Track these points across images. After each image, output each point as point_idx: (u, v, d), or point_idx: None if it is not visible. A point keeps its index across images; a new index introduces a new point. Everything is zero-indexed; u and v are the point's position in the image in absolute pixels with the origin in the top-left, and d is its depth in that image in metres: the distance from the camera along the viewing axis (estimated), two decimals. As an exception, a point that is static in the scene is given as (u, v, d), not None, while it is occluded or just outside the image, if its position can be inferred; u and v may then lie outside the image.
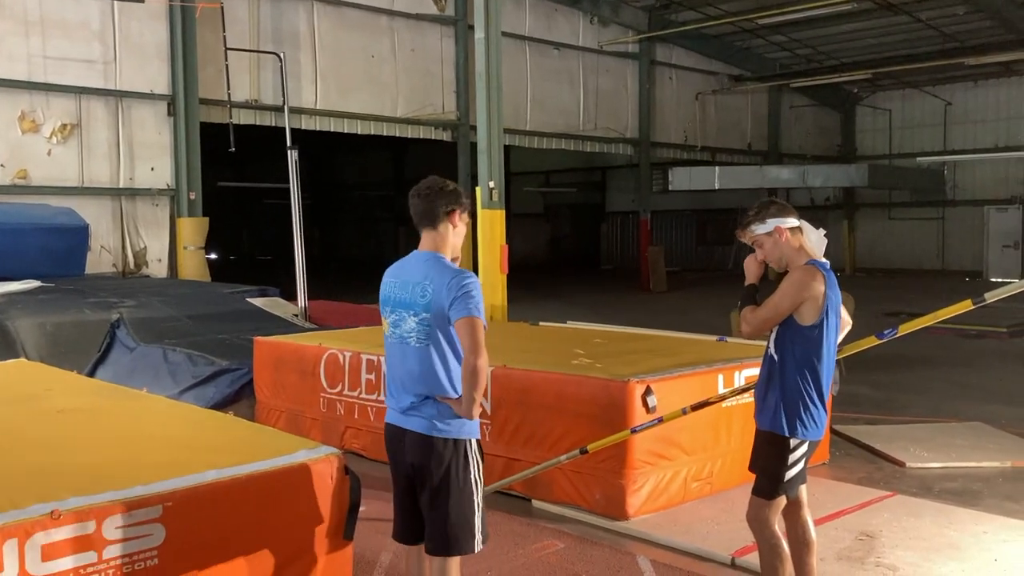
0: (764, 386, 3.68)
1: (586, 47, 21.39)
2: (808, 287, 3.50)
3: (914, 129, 27.60)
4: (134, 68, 14.40)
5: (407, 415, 3.32)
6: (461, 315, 3.14)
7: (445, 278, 3.21)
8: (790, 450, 3.55)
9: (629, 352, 6.13)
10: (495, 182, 10.11)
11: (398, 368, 3.37)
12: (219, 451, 3.60)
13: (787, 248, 3.63)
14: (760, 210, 3.66)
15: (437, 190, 3.38)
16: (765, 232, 3.64)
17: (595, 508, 5.14)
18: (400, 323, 3.33)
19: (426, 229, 3.39)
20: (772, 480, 3.60)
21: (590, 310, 17.16)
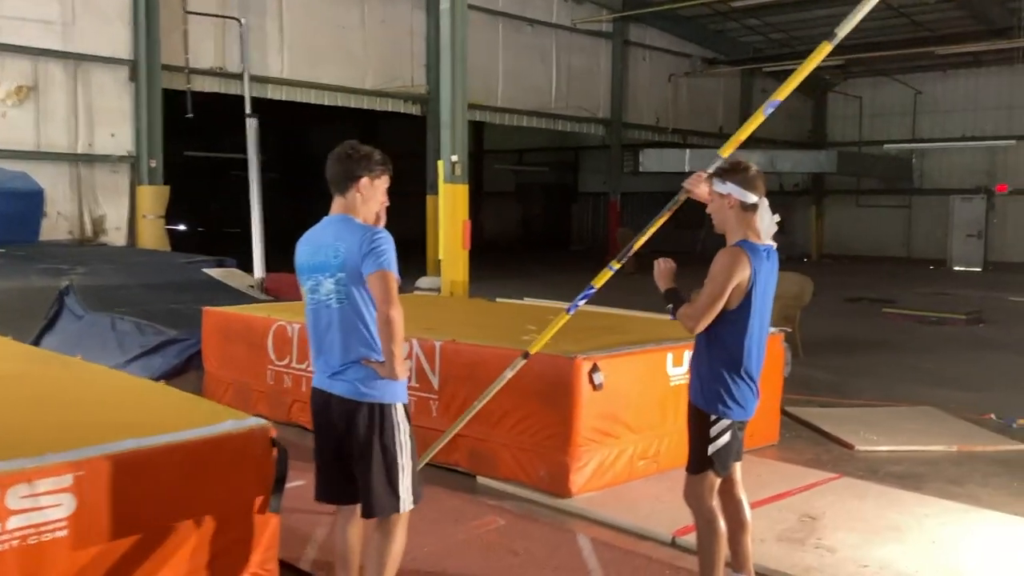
0: (693, 360, 3.68)
1: (559, 24, 21.24)
2: (733, 272, 3.42)
3: (884, 117, 27.74)
4: (94, 30, 14.06)
5: (333, 379, 3.29)
6: (372, 269, 3.15)
7: (356, 236, 3.22)
8: (710, 425, 3.52)
9: (580, 329, 6.05)
10: (458, 156, 9.97)
11: (321, 332, 3.33)
12: (142, 420, 3.49)
13: (730, 218, 3.56)
14: (731, 169, 3.58)
15: (347, 155, 3.34)
16: (719, 191, 3.58)
17: (539, 485, 5.09)
18: (318, 288, 3.30)
19: (337, 194, 3.37)
20: (696, 455, 3.58)
21: (554, 289, 17.03)
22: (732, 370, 3.49)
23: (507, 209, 34.69)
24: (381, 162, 3.39)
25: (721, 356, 3.49)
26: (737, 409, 3.52)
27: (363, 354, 3.23)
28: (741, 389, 3.52)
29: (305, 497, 4.92)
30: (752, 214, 3.57)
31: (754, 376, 3.55)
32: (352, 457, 3.30)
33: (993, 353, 10.77)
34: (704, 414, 3.53)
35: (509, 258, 25.77)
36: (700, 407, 3.55)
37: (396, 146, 30.44)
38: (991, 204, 25.58)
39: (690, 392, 3.65)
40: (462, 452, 5.47)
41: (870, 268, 24.71)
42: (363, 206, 3.36)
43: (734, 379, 3.50)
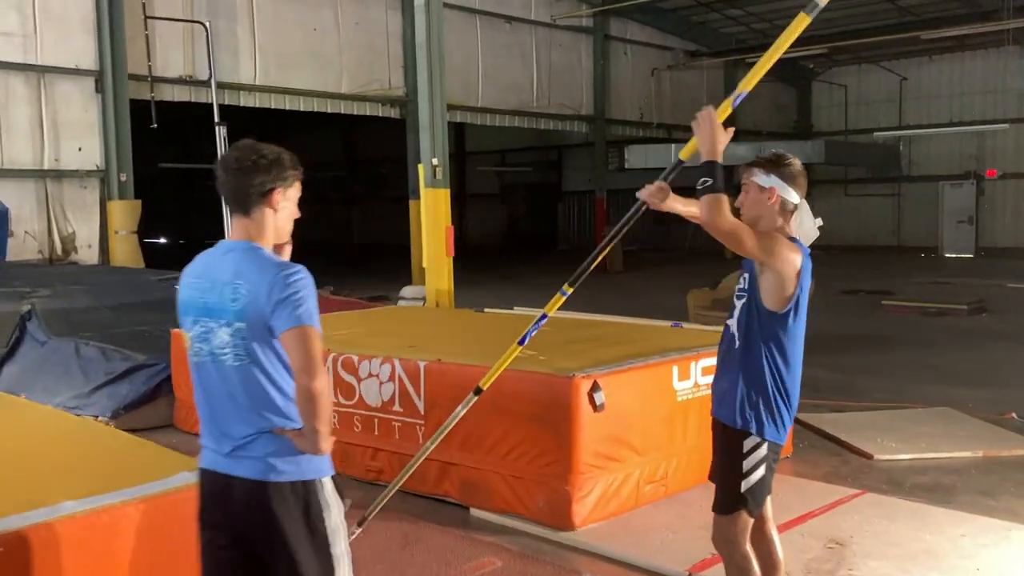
0: (725, 369, 3.18)
1: (538, 21, 20.78)
2: (785, 256, 2.98)
3: (870, 105, 27.44)
4: (57, 41, 13.51)
5: (233, 457, 2.48)
6: (288, 325, 2.36)
7: (265, 275, 2.41)
8: (746, 450, 3.05)
9: (576, 341, 5.63)
10: (439, 159, 9.51)
11: (213, 395, 2.50)
12: (82, 473, 3.04)
13: (768, 215, 3.11)
14: (775, 161, 3.13)
15: (249, 163, 2.50)
16: (759, 184, 3.11)
17: (539, 517, 4.64)
18: (208, 336, 2.48)
19: (237, 215, 2.54)
20: (728, 493, 3.13)
21: (545, 293, 16.58)
22: (775, 381, 3.05)
23: (492, 211, 34.23)
24: (293, 164, 2.59)
25: (764, 363, 3.04)
26: (774, 429, 3.07)
27: (274, 422, 2.45)
28: (781, 406, 3.07)
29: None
30: (790, 215, 3.13)
31: (793, 398, 3.11)
32: (265, 562, 2.48)
33: (1001, 345, 10.39)
34: (739, 434, 3.06)
35: (495, 261, 25.32)
36: (733, 425, 3.07)
37: (377, 151, 30.16)
38: (981, 189, 25.29)
39: (718, 409, 3.18)
40: (453, 481, 5.03)
41: (861, 258, 24.37)
42: (276, 227, 2.57)
43: (777, 392, 3.05)
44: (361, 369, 5.44)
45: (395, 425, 5.29)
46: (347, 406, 5.55)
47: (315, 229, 38.10)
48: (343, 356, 5.56)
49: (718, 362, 3.26)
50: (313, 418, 2.35)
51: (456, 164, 32.56)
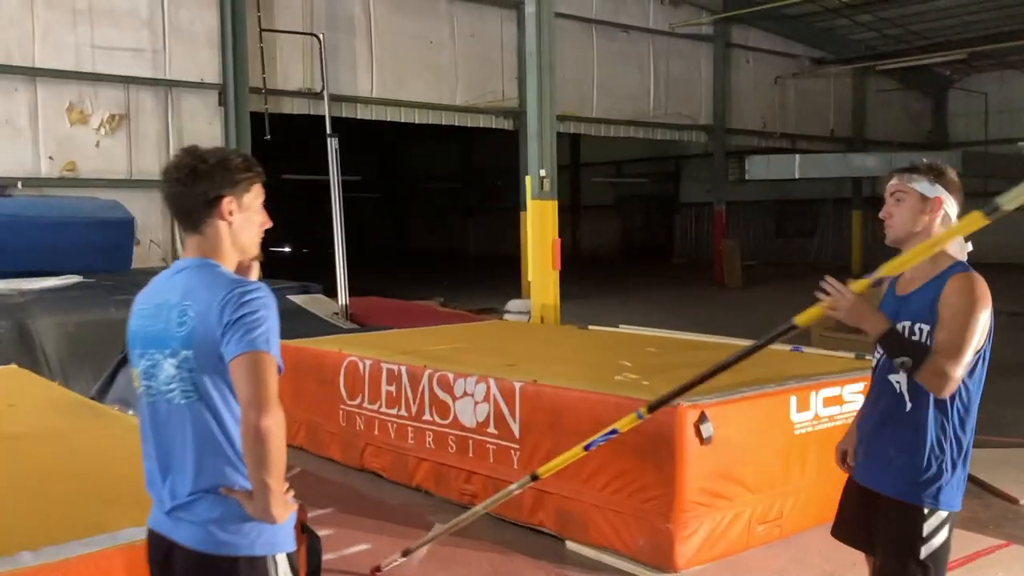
0: (878, 428, 2.72)
1: (656, 29, 20.34)
2: (986, 301, 2.53)
3: (1013, 113, 25.72)
4: (183, 57, 14.00)
5: (175, 518, 2.11)
6: (238, 350, 1.99)
7: (216, 294, 2.05)
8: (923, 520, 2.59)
9: (684, 365, 5.23)
10: (547, 170, 9.28)
11: (160, 442, 2.15)
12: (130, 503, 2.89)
13: (926, 231, 2.66)
14: (941, 172, 2.70)
15: (188, 171, 2.13)
16: (922, 193, 2.65)
17: (638, 556, 4.30)
18: (154, 371, 2.12)
19: (187, 231, 2.20)
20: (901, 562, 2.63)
21: (657, 307, 16.22)
22: (957, 440, 2.59)
23: (606, 223, 33.84)
24: (244, 167, 2.20)
25: (944, 420, 2.58)
26: (960, 494, 2.63)
27: (223, 479, 2.06)
28: (959, 467, 2.62)
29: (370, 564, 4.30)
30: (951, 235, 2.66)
31: (969, 450, 2.64)
32: None
33: None
34: (913, 509, 2.59)
35: (609, 273, 24.93)
36: (906, 499, 2.60)
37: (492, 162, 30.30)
38: None
39: (876, 478, 2.71)
40: (548, 511, 4.74)
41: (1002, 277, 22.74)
42: (235, 242, 2.20)
43: (958, 452, 2.60)
44: (456, 388, 5.23)
45: (489, 448, 5.05)
46: (442, 425, 5.36)
47: (433, 239, 38.89)
48: (439, 373, 5.37)
49: (873, 421, 2.76)
50: (262, 468, 1.95)
51: (571, 175, 32.46)
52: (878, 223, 2.85)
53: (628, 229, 33.78)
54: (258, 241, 2.26)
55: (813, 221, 29.07)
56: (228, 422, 2.06)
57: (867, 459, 2.76)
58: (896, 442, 2.64)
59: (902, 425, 2.63)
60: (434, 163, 38.12)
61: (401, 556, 4.21)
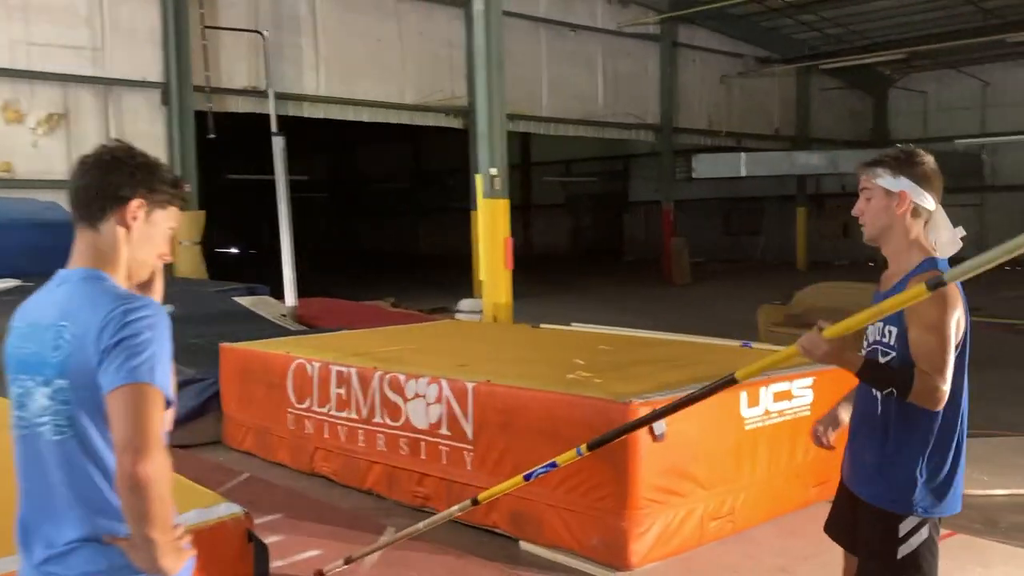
0: (862, 432, 2.66)
1: (604, 29, 20.46)
2: (955, 305, 2.45)
3: (950, 112, 26.38)
4: (124, 54, 13.70)
5: (46, 570, 1.81)
6: (117, 382, 1.70)
7: (98, 312, 1.75)
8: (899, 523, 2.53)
9: (636, 363, 5.26)
10: (498, 169, 9.24)
11: (31, 483, 1.86)
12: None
13: (896, 225, 2.56)
14: (903, 161, 2.57)
15: (109, 158, 1.88)
16: (886, 187, 2.55)
17: (593, 554, 4.28)
18: (25, 401, 1.85)
19: (81, 227, 1.89)
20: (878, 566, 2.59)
21: (608, 305, 16.29)
22: (946, 440, 2.52)
23: (557, 222, 33.97)
24: (172, 181, 1.95)
25: (916, 426, 2.50)
26: (950, 499, 2.55)
27: (104, 526, 1.78)
28: (955, 470, 2.54)
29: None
30: (924, 226, 2.60)
31: (962, 451, 2.56)
32: None
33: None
34: (891, 517, 2.54)
35: (560, 272, 25.00)
36: (883, 506, 2.54)
37: (443, 162, 30.19)
38: (1072, 199, 24.07)
39: (854, 480, 2.68)
40: (502, 512, 4.70)
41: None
42: (130, 251, 1.89)
43: (936, 456, 2.52)
44: (408, 389, 5.17)
45: (442, 449, 5.00)
46: (394, 428, 5.29)
47: (383, 240, 38.62)
48: (390, 375, 5.29)
49: (854, 422, 2.71)
50: (143, 522, 1.67)
51: (521, 174, 32.48)
52: (823, 219, 2.83)
53: (578, 228, 33.94)
54: (151, 268, 1.96)
55: (759, 218, 29.50)
56: (109, 462, 1.76)
57: (849, 460, 2.73)
58: (870, 446, 2.60)
59: (876, 430, 2.58)
60: (383, 163, 37.88)
61: (344, 563, 4.15)
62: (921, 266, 2.53)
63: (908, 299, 2.30)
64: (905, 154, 2.59)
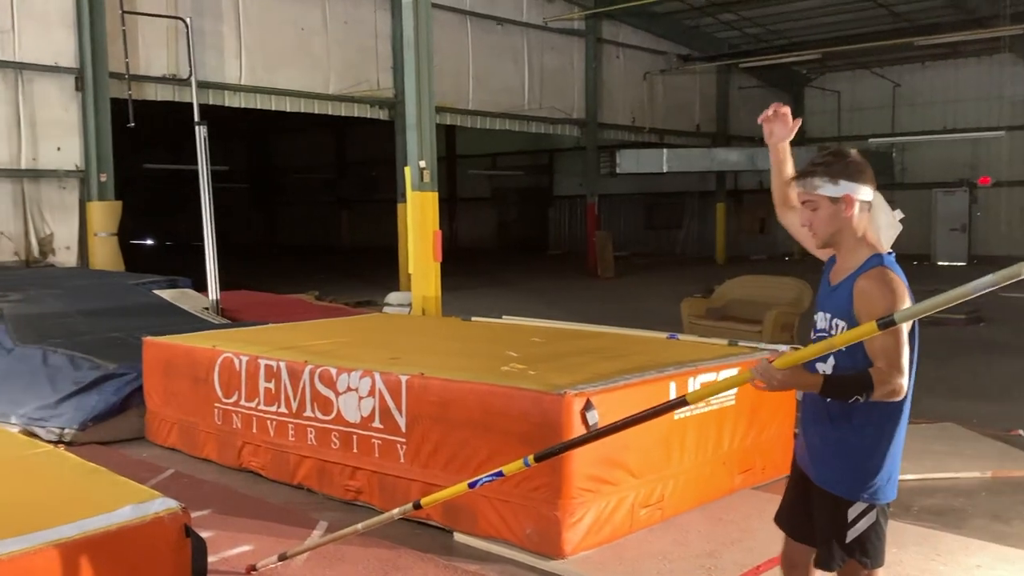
0: (813, 418, 2.75)
1: (530, 23, 20.51)
2: (902, 297, 2.52)
3: (863, 111, 27.28)
4: (35, 38, 13.16)
5: None
6: None
7: None
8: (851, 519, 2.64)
9: (569, 354, 5.34)
10: (426, 161, 9.22)
11: None
12: (15, 508, 2.71)
13: (846, 227, 2.63)
14: (835, 163, 2.63)
15: None
16: (829, 195, 2.61)
17: (526, 544, 4.33)
18: None
19: None
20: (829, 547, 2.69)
21: (536, 298, 16.41)
22: (890, 430, 2.62)
23: (482, 215, 33.98)
24: None
25: (862, 415, 2.59)
26: (891, 489, 2.67)
27: None
28: (896, 457, 2.67)
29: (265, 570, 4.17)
30: (868, 215, 2.68)
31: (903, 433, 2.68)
32: None
33: (1001, 356, 10.16)
34: (841, 502, 2.64)
35: (486, 265, 25.05)
36: (836, 492, 2.64)
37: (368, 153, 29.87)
38: (974, 197, 25.15)
39: (808, 465, 2.75)
40: (436, 504, 4.71)
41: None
42: None
43: (891, 442, 2.63)
44: (340, 383, 5.13)
45: (375, 443, 4.98)
46: (325, 422, 5.25)
47: (307, 231, 38.03)
48: (321, 369, 5.25)
49: (806, 411, 2.79)
50: None
51: (447, 167, 32.37)
52: (741, 215, 2.90)
53: (504, 221, 34.01)
54: None
55: (680, 213, 30.04)
56: None
57: (804, 442, 2.79)
58: (821, 433, 2.68)
59: (825, 417, 2.66)
60: (305, 153, 37.29)
61: (277, 560, 4.14)
62: (867, 263, 2.61)
63: (858, 336, 2.41)
64: (833, 156, 2.66)
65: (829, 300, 2.70)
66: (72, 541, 2.47)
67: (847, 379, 2.50)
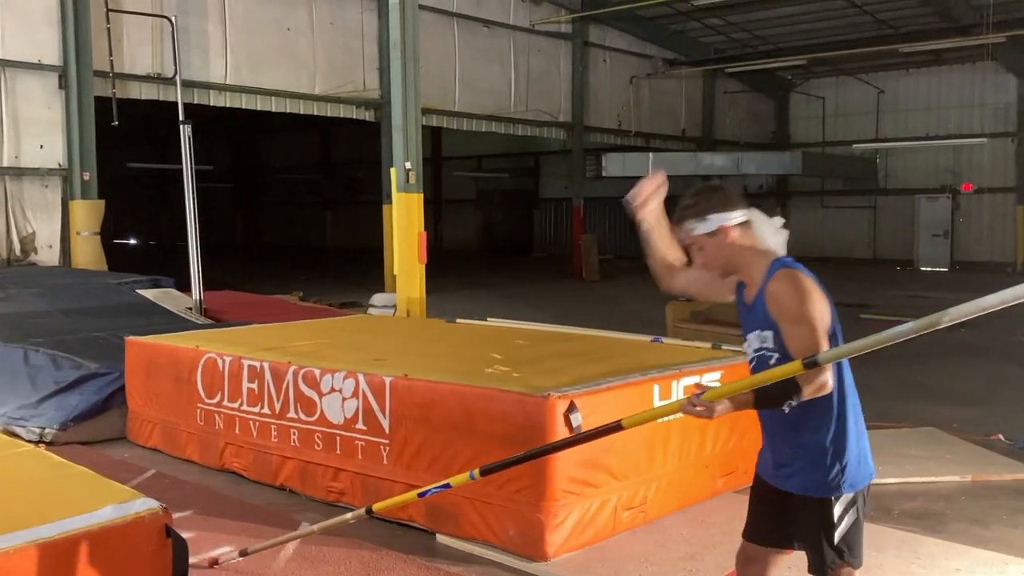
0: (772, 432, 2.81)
1: (517, 26, 20.53)
2: (810, 291, 2.60)
3: (847, 117, 27.44)
4: (19, 35, 13.06)
5: None
6: None
7: None
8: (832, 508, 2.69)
9: (553, 357, 5.35)
10: (412, 163, 9.21)
11: None
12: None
13: (736, 251, 2.76)
14: (698, 201, 2.78)
15: None
16: (705, 233, 2.77)
17: (509, 546, 4.34)
18: None
19: None
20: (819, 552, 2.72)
21: (520, 300, 16.41)
22: (845, 419, 2.68)
23: (468, 217, 33.95)
24: None
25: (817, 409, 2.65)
26: (864, 468, 2.72)
27: None
28: (861, 437, 2.72)
29: (239, 568, 4.16)
30: (751, 230, 2.79)
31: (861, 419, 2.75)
32: None
33: (983, 361, 10.25)
34: (825, 502, 2.68)
35: (470, 267, 25.04)
36: (819, 494, 2.68)
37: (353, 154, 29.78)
38: (956, 203, 25.34)
39: (789, 480, 2.77)
40: (418, 505, 4.70)
41: (837, 270, 24.27)
42: None
43: (844, 432, 2.68)
44: (323, 384, 5.12)
45: (358, 444, 4.98)
46: (308, 423, 5.24)
47: (290, 232, 37.89)
48: (304, 370, 5.24)
49: (768, 429, 2.84)
50: None
51: (432, 169, 32.32)
52: None
53: (489, 224, 34.00)
54: None
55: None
56: None
57: (772, 460, 2.83)
58: (789, 444, 2.73)
59: (787, 428, 2.72)
60: (289, 153, 37.15)
61: (239, 555, 4.15)
62: (771, 269, 2.70)
63: (784, 373, 2.48)
64: (695, 196, 2.80)
65: (751, 319, 2.77)
66: (52, 541, 2.46)
67: (774, 389, 2.55)
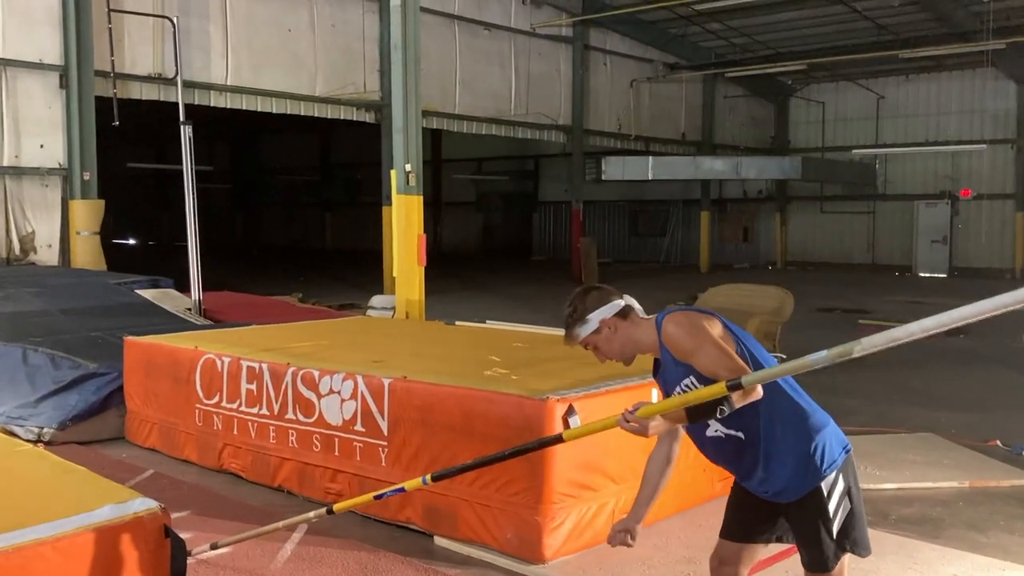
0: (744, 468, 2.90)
1: (518, 29, 20.56)
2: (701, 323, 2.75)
3: (847, 122, 27.47)
4: (20, 34, 13.05)
5: None
6: None
7: None
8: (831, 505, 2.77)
9: (552, 359, 5.35)
10: (412, 165, 9.22)
11: None
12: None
13: (624, 336, 2.92)
14: (576, 307, 2.95)
15: None
16: (592, 331, 2.92)
17: (507, 549, 4.34)
18: None
19: None
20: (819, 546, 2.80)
21: (519, 303, 16.42)
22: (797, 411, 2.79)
23: (467, 219, 33.98)
24: None
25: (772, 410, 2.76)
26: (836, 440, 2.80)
27: None
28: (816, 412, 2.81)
29: (239, 568, 4.17)
30: (634, 312, 2.96)
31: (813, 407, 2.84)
32: None
33: (981, 367, 10.26)
34: (812, 496, 2.76)
35: (469, 269, 25.05)
36: (809, 489, 2.77)
37: (353, 155, 29.78)
38: (955, 209, 25.37)
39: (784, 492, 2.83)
40: (416, 507, 4.72)
41: (836, 275, 24.35)
42: None
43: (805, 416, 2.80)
44: (322, 385, 5.13)
45: (356, 446, 4.98)
46: (306, 424, 5.24)
47: (289, 232, 37.90)
48: (303, 371, 5.24)
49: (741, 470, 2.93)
50: None
51: (432, 171, 32.34)
52: (725, 223, 3.02)
53: (489, 226, 34.02)
54: None
55: (664, 221, 30.17)
56: None
57: (762, 484, 2.89)
58: (764, 464, 2.82)
59: (756, 452, 2.81)
60: (289, 154, 37.18)
61: (210, 548, 4.20)
62: (657, 324, 2.85)
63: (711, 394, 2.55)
64: (570, 304, 2.96)
65: (672, 375, 2.86)
66: (50, 540, 2.46)
67: (703, 404, 2.61)
